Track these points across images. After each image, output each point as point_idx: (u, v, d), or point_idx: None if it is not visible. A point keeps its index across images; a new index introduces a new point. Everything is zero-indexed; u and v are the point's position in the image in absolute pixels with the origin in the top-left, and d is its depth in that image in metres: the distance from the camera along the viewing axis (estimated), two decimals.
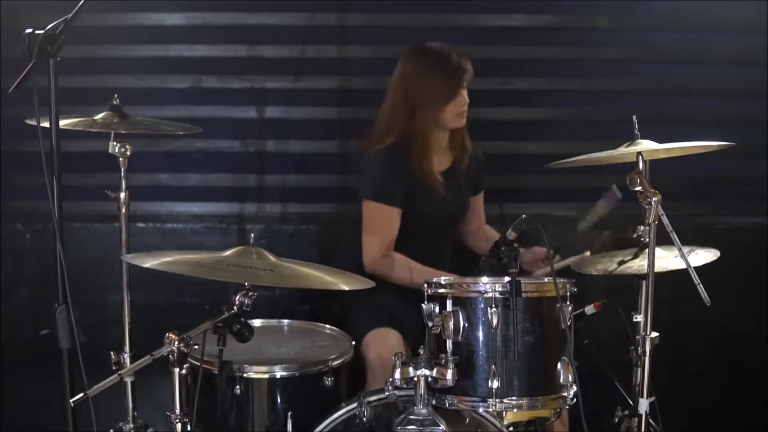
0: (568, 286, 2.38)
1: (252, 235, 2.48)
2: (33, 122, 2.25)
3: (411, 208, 3.02)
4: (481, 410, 2.35)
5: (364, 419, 2.40)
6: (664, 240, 2.40)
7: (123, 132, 2.78)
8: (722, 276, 2.71)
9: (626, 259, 2.77)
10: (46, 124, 2.25)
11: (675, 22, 3.71)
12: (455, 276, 2.79)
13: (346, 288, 2.40)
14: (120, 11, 3.63)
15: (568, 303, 2.35)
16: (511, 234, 2.43)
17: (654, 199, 2.32)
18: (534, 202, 3.74)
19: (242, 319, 2.28)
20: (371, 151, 3.06)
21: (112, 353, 2.84)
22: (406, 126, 3.00)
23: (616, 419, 2.81)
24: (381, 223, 2.99)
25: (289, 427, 2.51)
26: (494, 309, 2.27)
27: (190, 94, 3.72)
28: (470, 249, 3.33)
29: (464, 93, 3.00)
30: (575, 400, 2.34)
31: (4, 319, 3.64)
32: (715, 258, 2.77)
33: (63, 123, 2.32)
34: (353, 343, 2.82)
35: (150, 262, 2.27)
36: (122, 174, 2.79)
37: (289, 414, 2.52)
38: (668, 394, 2.92)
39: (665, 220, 2.34)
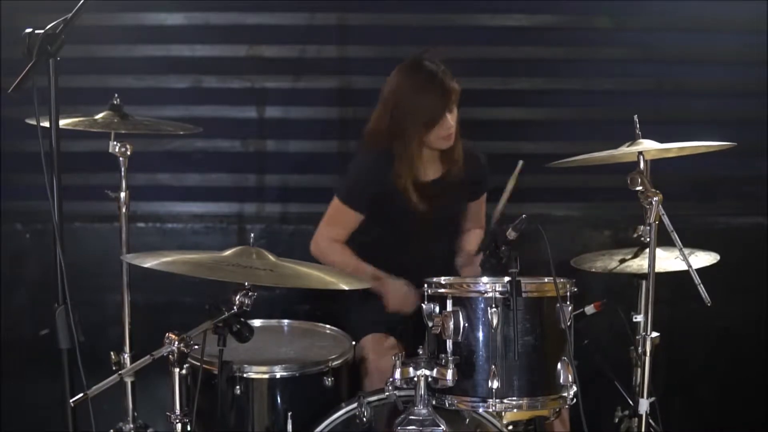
0: (568, 286, 2.38)
1: (252, 235, 2.49)
2: (33, 122, 2.25)
3: (390, 215, 3.02)
4: (481, 410, 2.35)
5: (364, 419, 2.39)
6: (663, 241, 2.40)
7: (123, 132, 2.79)
8: (722, 276, 2.71)
9: (626, 258, 2.77)
10: (46, 124, 2.24)
11: (675, 22, 3.71)
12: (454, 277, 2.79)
13: (346, 288, 2.40)
14: (120, 11, 3.63)
15: (568, 303, 2.35)
16: (511, 234, 2.42)
17: (655, 199, 2.32)
18: (534, 202, 3.73)
19: (242, 319, 2.28)
20: (359, 153, 3.12)
21: (112, 353, 2.85)
22: (392, 136, 2.98)
23: (616, 419, 2.81)
24: (340, 221, 3.05)
25: (289, 427, 2.50)
26: (494, 309, 2.27)
27: (190, 94, 3.72)
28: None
29: (449, 117, 2.94)
30: (575, 400, 2.34)
31: (4, 319, 3.64)
32: (714, 261, 2.77)
33: (63, 123, 2.31)
34: (353, 343, 2.82)
35: (150, 262, 2.27)
36: (122, 174, 2.79)
37: (289, 414, 2.51)
38: (668, 394, 2.93)
39: (666, 220, 2.33)
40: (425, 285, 2.41)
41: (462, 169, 3.09)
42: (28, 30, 2.20)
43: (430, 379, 2.26)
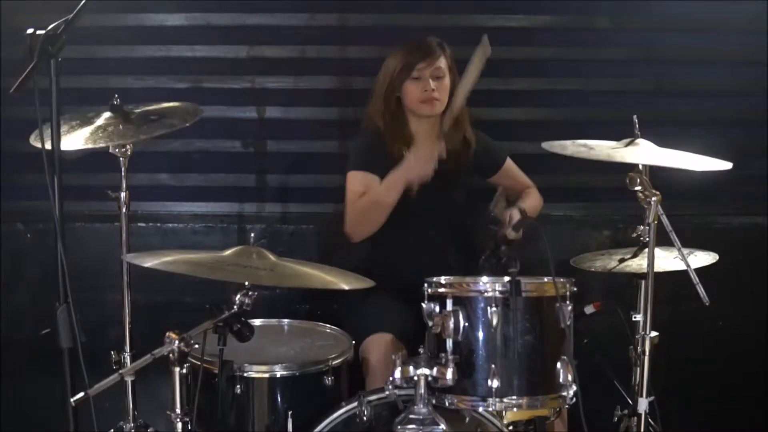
0: (567, 285, 2.38)
1: (252, 235, 2.49)
2: (37, 144, 2.25)
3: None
4: (480, 409, 2.35)
5: (364, 419, 2.40)
6: (662, 240, 2.40)
7: None
8: (722, 276, 2.71)
9: (626, 257, 2.78)
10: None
11: (675, 22, 3.71)
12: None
13: (346, 287, 2.40)
14: (120, 12, 3.63)
15: (567, 302, 2.36)
16: (511, 234, 2.43)
17: (654, 198, 2.33)
18: None
19: (242, 319, 2.28)
20: (359, 133, 3.19)
21: (112, 353, 2.84)
22: (379, 103, 3.10)
23: (616, 419, 2.82)
24: (364, 190, 3.03)
25: (290, 426, 2.51)
26: (494, 308, 2.27)
27: (190, 94, 3.72)
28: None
29: (431, 80, 3.04)
30: (575, 399, 2.34)
31: (4, 319, 3.64)
32: (713, 261, 2.78)
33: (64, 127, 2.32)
34: (353, 342, 2.82)
35: (150, 262, 2.27)
36: (122, 174, 2.79)
37: (290, 413, 2.52)
38: (668, 393, 2.93)
39: (665, 219, 2.34)
40: (425, 285, 2.42)
41: (471, 157, 3.13)
42: (30, 30, 2.20)
43: (430, 378, 2.26)
